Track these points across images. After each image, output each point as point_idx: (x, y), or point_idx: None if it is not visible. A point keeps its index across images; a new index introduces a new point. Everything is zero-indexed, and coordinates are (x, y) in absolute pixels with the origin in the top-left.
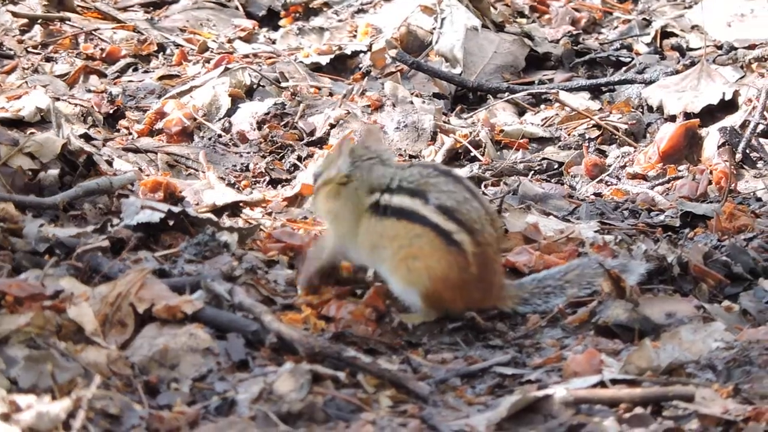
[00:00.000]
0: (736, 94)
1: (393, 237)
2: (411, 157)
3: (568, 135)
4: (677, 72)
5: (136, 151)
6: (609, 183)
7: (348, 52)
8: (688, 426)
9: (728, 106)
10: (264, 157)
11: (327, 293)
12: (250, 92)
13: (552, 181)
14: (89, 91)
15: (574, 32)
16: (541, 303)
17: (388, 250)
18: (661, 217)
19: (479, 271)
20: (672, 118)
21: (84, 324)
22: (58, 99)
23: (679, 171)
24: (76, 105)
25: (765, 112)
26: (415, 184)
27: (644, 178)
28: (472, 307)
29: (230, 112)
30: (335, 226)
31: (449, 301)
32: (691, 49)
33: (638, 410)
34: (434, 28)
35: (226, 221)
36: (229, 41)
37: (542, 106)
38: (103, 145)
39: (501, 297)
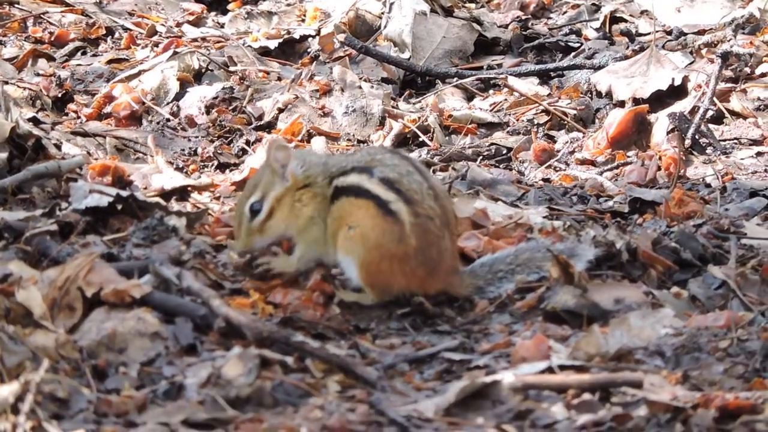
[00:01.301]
0: (685, 79)
1: (339, 216)
2: (359, 142)
3: (517, 120)
4: (626, 57)
5: (85, 135)
6: (558, 168)
7: (296, 36)
8: (637, 412)
9: (677, 91)
10: (212, 141)
11: (274, 278)
12: (198, 76)
13: (501, 166)
14: (38, 74)
15: (523, 17)
16: (494, 290)
17: (337, 230)
18: (610, 203)
19: (419, 244)
20: (621, 104)
21: (32, 308)
22: (6, 82)
23: (628, 157)
24: (24, 89)
25: (714, 98)
26: (363, 163)
27: (593, 163)
28: (418, 288)
29: (179, 97)
30: (304, 235)
31: (387, 273)
32: (641, 35)
33: (586, 396)
34: (383, 13)
35: (175, 205)
36: (178, 25)
37: (491, 92)
38: (52, 129)
39: (452, 282)
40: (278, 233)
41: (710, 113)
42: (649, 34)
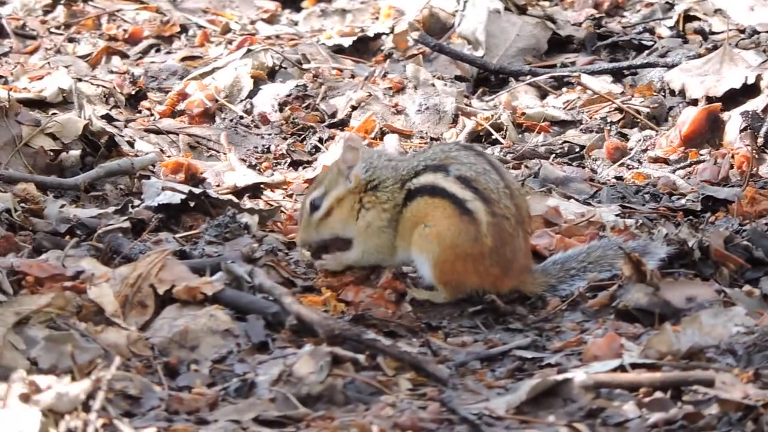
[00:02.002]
0: (758, 78)
1: (415, 215)
2: (432, 139)
3: (590, 118)
4: (700, 56)
5: (158, 132)
6: (630, 167)
7: (370, 34)
8: (708, 411)
9: (750, 90)
10: (285, 138)
11: (345, 276)
12: (272, 74)
13: (573, 164)
14: (111, 71)
15: (597, 15)
16: (566, 288)
17: (411, 229)
18: (683, 201)
19: (495, 244)
20: (694, 102)
21: (104, 305)
22: (80, 80)
23: (701, 155)
24: (98, 86)
25: None
26: (437, 161)
27: (666, 161)
28: (491, 286)
29: (252, 94)
30: (364, 240)
31: (461, 272)
32: (714, 33)
33: (658, 394)
34: (456, 11)
35: (247, 203)
36: (252, 23)
37: (564, 90)
38: (125, 126)
39: (525, 280)
40: (335, 232)
41: None
42: (722, 32)
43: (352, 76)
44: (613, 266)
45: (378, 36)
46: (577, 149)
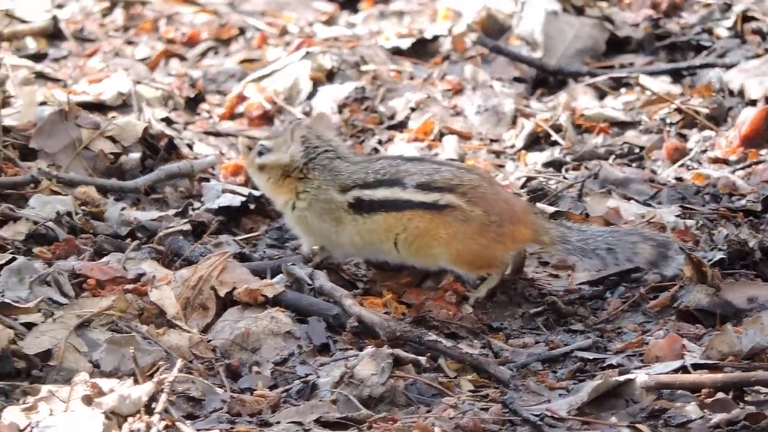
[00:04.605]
0: None
1: (387, 229)
2: (491, 141)
3: (649, 119)
4: (758, 56)
5: (217, 134)
6: (690, 167)
7: (428, 35)
8: None
9: None
10: (345, 140)
11: (405, 277)
12: (330, 76)
13: (633, 165)
14: (170, 74)
15: (655, 16)
16: (581, 256)
17: (387, 242)
18: (743, 202)
19: (485, 208)
20: (753, 102)
21: (166, 307)
22: (139, 83)
23: (761, 155)
24: (157, 89)
25: None
26: (389, 176)
27: (725, 162)
28: (513, 242)
29: (311, 96)
30: (307, 229)
31: (481, 250)
32: None
33: (720, 395)
34: (514, 12)
35: None
36: (310, 25)
37: (623, 90)
38: (184, 129)
39: (536, 227)
40: (263, 191)
41: None
42: None
43: (411, 78)
44: (636, 254)
45: (436, 38)
46: (637, 150)
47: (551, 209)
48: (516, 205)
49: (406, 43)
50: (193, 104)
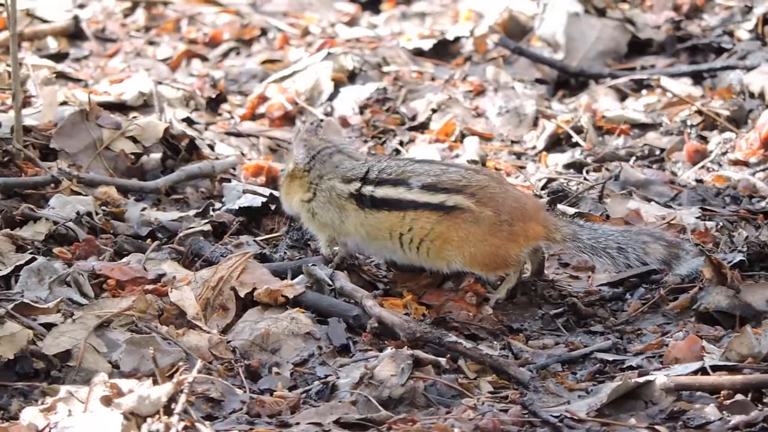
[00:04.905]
0: None
1: (389, 228)
2: (513, 142)
3: (670, 121)
4: None
5: (238, 135)
6: (710, 169)
7: (450, 37)
8: None
9: None
10: (366, 141)
11: (426, 278)
12: (352, 77)
13: (654, 167)
14: (192, 75)
15: (676, 18)
16: (592, 254)
17: (391, 241)
18: (763, 204)
19: (495, 208)
20: None
21: (186, 308)
22: (160, 83)
23: None
24: (178, 89)
25: None
26: (394, 175)
27: (746, 164)
28: (526, 241)
29: (332, 97)
30: (317, 224)
31: (495, 251)
32: None
33: (739, 397)
34: (536, 14)
35: None
36: (331, 26)
37: (644, 92)
38: (206, 129)
39: (548, 224)
40: (288, 207)
41: None
42: None
43: (432, 79)
44: (648, 254)
45: (458, 39)
46: (658, 152)
47: (572, 210)
48: (527, 203)
49: (427, 44)
50: (214, 105)
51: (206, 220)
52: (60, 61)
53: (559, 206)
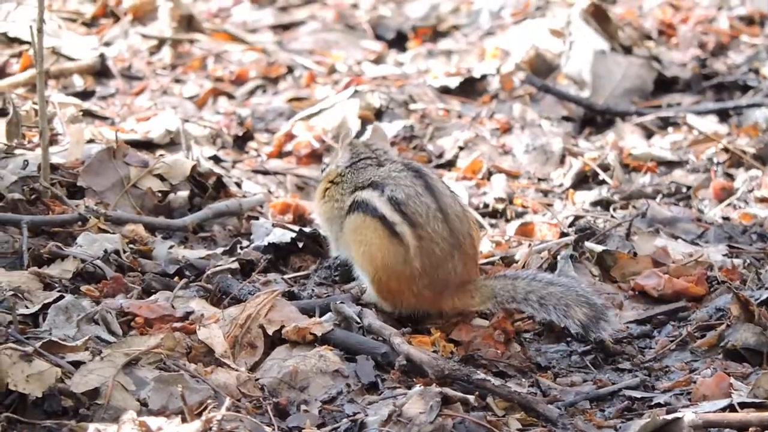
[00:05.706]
0: None
1: (354, 229)
2: (540, 180)
3: (696, 158)
4: None
5: (265, 173)
6: (737, 206)
7: (477, 74)
8: None
9: None
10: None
11: (455, 316)
12: (379, 114)
13: (680, 204)
14: (218, 112)
15: (702, 56)
16: (517, 305)
17: (353, 243)
18: None
19: (423, 267)
20: None
21: (214, 346)
22: (187, 121)
23: None
24: (205, 127)
25: None
26: (380, 179)
27: None
28: (429, 306)
29: (359, 135)
30: (328, 227)
31: (396, 291)
32: None
33: None
34: (562, 52)
35: None
36: (358, 63)
37: (670, 130)
38: (233, 167)
39: (466, 300)
40: (315, 210)
41: None
42: None
43: (459, 117)
44: (568, 317)
45: (484, 77)
46: (684, 189)
47: (599, 248)
48: (455, 282)
49: (454, 82)
50: (241, 142)
51: (234, 258)
52: (86, 99)
53: (587, 244)
